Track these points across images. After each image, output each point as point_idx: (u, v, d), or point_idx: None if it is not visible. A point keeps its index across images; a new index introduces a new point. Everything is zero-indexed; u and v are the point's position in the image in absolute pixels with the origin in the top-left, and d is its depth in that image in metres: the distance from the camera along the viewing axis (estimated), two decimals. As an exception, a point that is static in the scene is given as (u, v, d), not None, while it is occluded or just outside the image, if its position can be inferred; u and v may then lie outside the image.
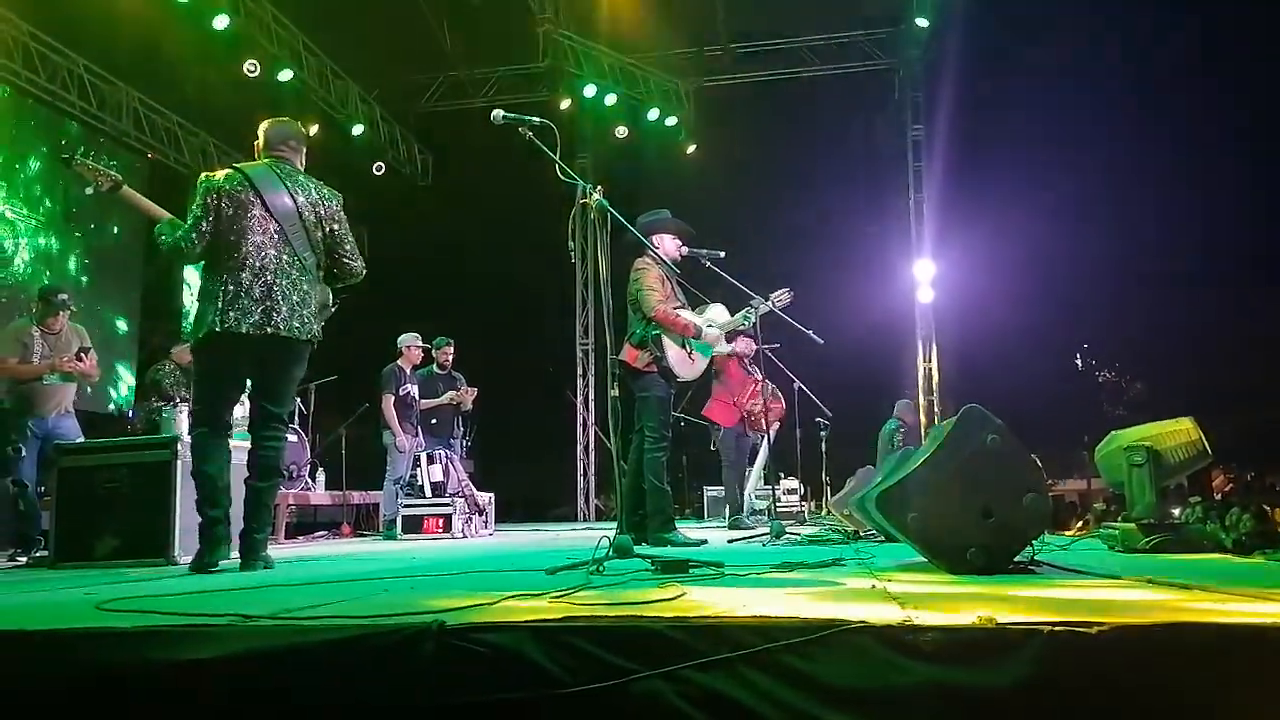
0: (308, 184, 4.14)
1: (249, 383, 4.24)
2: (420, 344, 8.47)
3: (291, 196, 4.04)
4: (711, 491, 11.03)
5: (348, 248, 4.18)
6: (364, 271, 4.26)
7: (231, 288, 3.88)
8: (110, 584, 3.22)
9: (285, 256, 3.98)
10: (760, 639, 1.57)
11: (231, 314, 3.85)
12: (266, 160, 4.18)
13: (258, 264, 3.92)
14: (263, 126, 4.30)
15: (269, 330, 3.89)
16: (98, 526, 4.69)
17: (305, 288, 4.02)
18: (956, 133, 12.16)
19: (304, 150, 4.32)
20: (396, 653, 1.65)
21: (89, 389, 6.78)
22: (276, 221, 3.98)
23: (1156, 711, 1.52)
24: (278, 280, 3.94)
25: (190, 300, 10.83)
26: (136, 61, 10.73)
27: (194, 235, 3.93)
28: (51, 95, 9.88)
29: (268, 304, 3.89)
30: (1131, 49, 10.81)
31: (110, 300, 10.92)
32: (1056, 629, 1.57)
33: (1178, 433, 3.58)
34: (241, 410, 6.66)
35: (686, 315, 5.33)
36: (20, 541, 5.81)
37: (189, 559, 4.03)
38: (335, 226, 4.14)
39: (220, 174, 4.10)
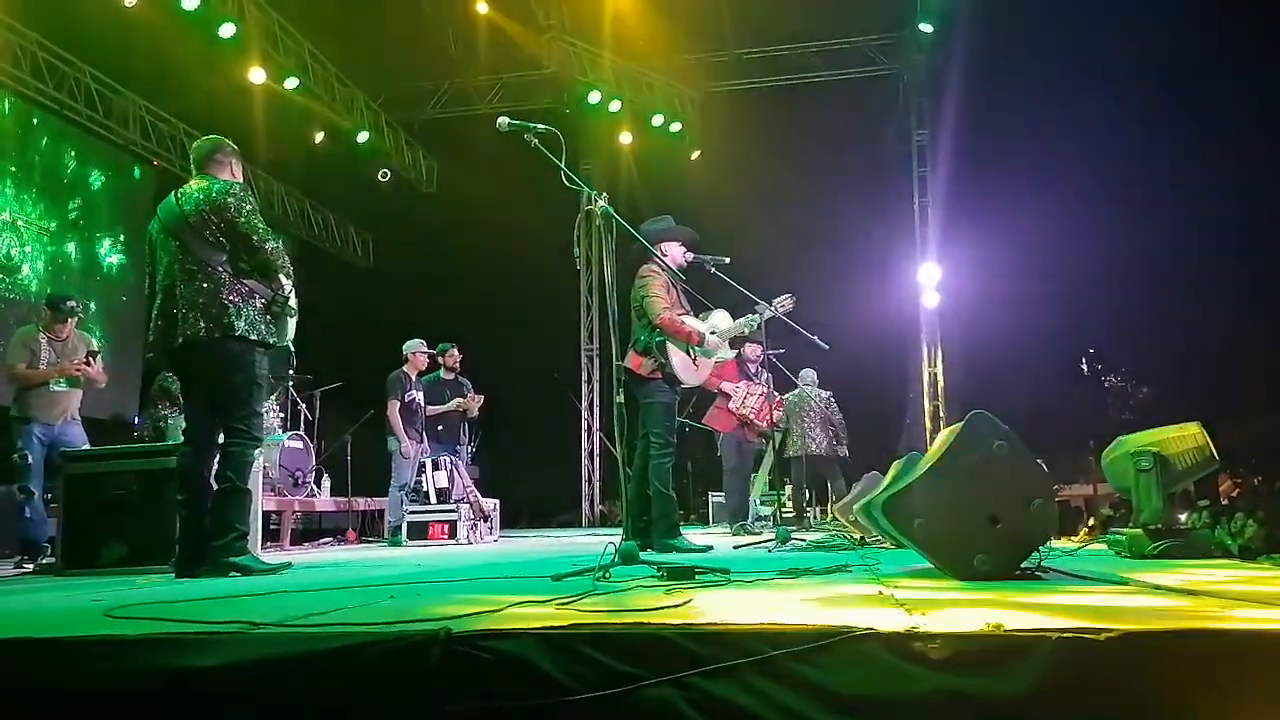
0: (196, 192, 4.20)
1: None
2: (426, 351, 8.48)
3: (180, 208, 4.17)
4: (716, 497, 11.04)
5: (239, 232, 4.15)
6: (269, 246, 4.20)
7: (153, 313, 4.21)
8: (118, 591, 3.23)
9: (188, 265, 4.11)
10: (768, 646, 1.57)
11: (152, 336, 4.21)
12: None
13: (166, 282, 4.16)
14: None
15: (179, 340, 4.06)
16: (105, 533, 4.71)
17: (213, 286, 4.08)
18: (961, 137, 12.14)
19: (232, 162, 4.41)
20: (404, 659, 1.65)
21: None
22: (176, 239, 4.16)
23: (1164, 718, 1.51)
24: (183, 290, 4.09)
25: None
26: (143, 70, 10.79)
27: (147, 282, 4.34)
28: (59, 104, 9.93)
29: (175, 316, 4.08)
30: (1137, 52, 10.78)
31: (115, 307, 10.95)
32: (1064, 636, 1.56)
33: (1185, 438, 3.57)
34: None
35: (691, 322, 5.34)
36: (27, 548, 5.83)
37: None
38: (222, 216, 4.13)
39: None
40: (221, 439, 4.16)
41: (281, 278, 4.26)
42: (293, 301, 4.31)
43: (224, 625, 1.89)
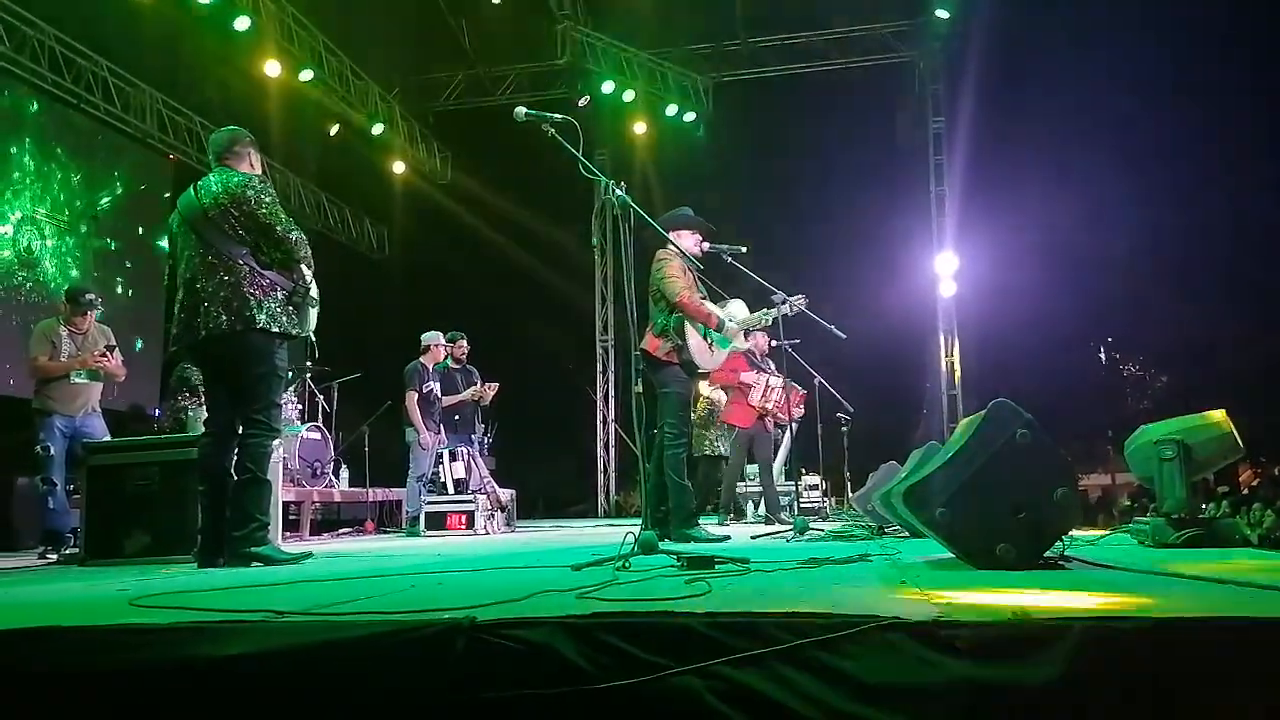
0: (214, 183, 4.18)
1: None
2: (444, 343, 8.52)
3: (199, 201, 4.16)
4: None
5: (261, 224, 4.12)
6: (292, 236, 4.16)
7: (175, 309, 4.23)
8: (142, 580, 3.25)
9: (209, 258, 4.11)
10: (792, 635, 1.57)
11: (175, 330, 4.23)
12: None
13: (188, 275, 4.16)
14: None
15: (202, 334, 4.07)
16: (127, 524, 4.74)
17: (234, 279, 4.07)
18: (978, 125, 12.05)
19: (250, 153, 4.37)
20: (429, 648, 1.65)
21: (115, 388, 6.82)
22: (195, 232, 4.15)
23: (1190, 707, 1.51)
24: (205, 284, 4.08)
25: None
26: (159, 64, 10.83)
27: (167, 275, 4.24)
28: (76, 98, 9.97)
29: (198, 310, 4.09)
30: (1159, 37, 10.66)
31: (137, 300, 11.02)
32: (1090, 624, 1.56)
33: (1209, 426, 3.53)
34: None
35: (709, 307, 5.34)
36: (51, 539, 5.89)
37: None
38: (241, 209, 4.10)
39: None
40: (240, 430, 4.18)
41: (302, 268, 4.25)
42: (314, 291, 4.30)
43: (248, 614, 1.90)
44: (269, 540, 4.16)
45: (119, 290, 10.59)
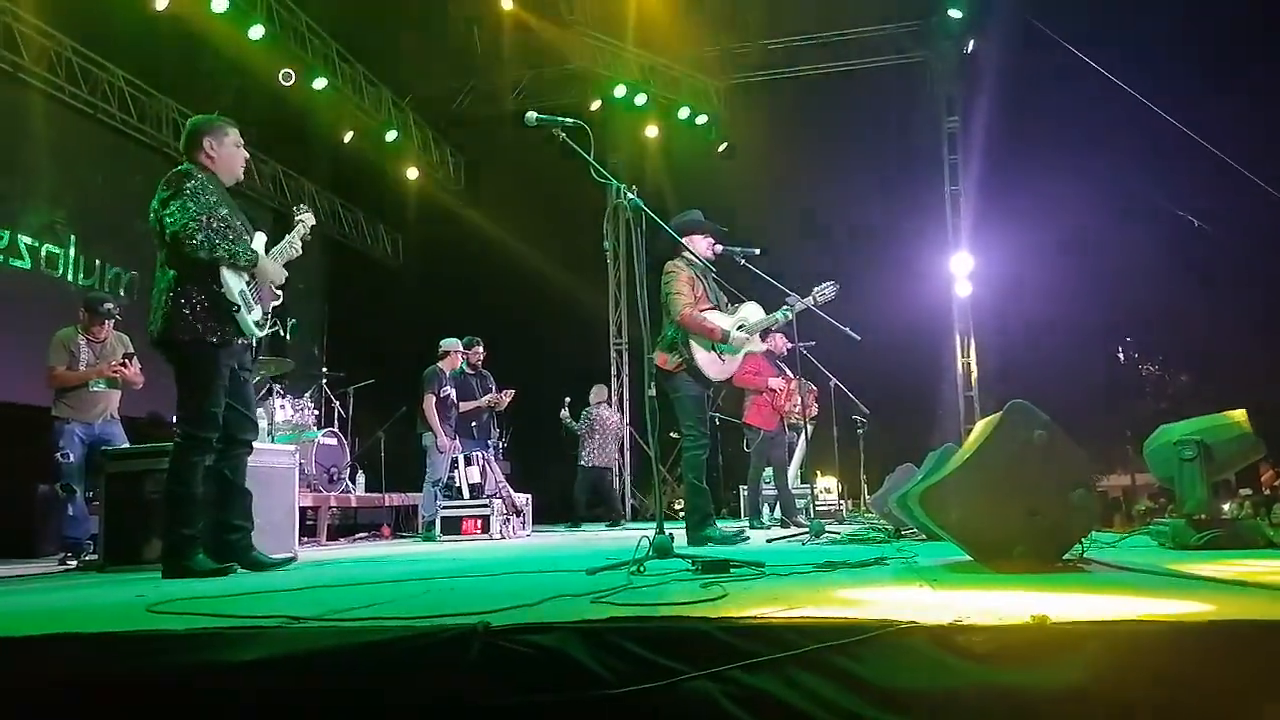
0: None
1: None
2: (462, 351, 8.54)
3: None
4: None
5: (164, 222, 3.93)
6: (172, 229, 3.88)
7: None
8: (160, 587, 3.27)
9: (157, 265, 4.10)
10: (808, 640, 1.56)
11: None
12: None
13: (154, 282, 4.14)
14: None
15: (151, 339, 4.08)
16: (146, 530, 4.75)
17: (164, 283, 4.01)
18: (992, 124, 11.97)
19: (205, 142, 4.16)
20: (443, 653, 1.65)
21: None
22: (156, 237, 4.10)
23: (1213, 711, 1.49)
24: (155, 289, 4.09)
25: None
26: (174, 73, 10.92)
27: None
28: (93, 108, 10.07)
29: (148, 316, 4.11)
30: (1178, 31, 10.54)
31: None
32: (1110, 628, 1.54)
33: (1229, 425, 3.50)
34: (284, 415, 6.74)
35: (714, 317, 5.31)
36: (70, 546, 5.93)
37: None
38: (162, 206, 3.98)
39: None
40: None
41: (223, 270, 3.99)
42: (235, 295, 4.02)
43: (265, 620, 1.90)
44: (193, 553, 3.88)
45: (135, 299, 10.67)
